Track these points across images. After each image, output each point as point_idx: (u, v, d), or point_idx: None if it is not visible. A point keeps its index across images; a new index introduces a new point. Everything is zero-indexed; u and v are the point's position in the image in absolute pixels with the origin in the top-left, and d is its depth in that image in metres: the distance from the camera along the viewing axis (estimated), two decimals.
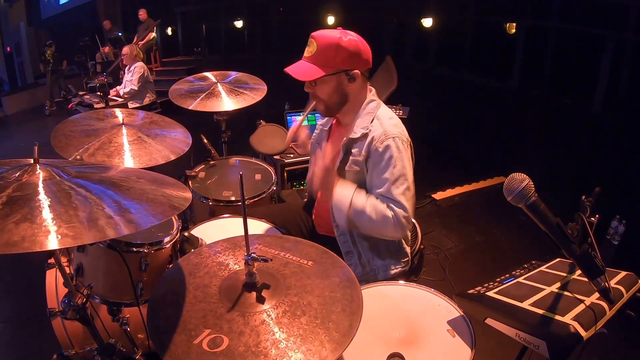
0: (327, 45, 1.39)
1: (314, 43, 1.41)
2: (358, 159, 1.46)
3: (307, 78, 1.41)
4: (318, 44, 1.40)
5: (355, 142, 1.48)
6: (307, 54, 1.43)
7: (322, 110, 1.53)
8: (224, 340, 0.86)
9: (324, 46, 1.39)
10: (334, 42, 1.39)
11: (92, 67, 7.37)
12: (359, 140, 1.47)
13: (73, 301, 1.05)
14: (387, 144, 1.39)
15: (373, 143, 1.41)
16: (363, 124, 1.47)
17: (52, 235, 0.71)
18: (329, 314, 0.93)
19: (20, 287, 2.56)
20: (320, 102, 1.50)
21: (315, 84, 1.45)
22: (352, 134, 1.47)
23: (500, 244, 3.05)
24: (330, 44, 1.39)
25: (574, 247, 0.92)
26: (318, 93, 1.48)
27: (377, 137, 1.41)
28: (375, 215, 1.36)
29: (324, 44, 1.39)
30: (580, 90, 4.83)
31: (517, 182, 0.92)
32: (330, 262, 1.11)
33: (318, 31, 1.43)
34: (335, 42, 1.38)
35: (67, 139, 1.60)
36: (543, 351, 0.92)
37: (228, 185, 2.11)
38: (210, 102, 2.32)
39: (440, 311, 1.23)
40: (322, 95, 1.47)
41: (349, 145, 1.49)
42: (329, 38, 1.40)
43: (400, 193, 1.37)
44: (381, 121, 1.45)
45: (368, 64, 1.48)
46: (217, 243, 1.20)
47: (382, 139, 1.39)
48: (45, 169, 0.89)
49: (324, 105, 1.50)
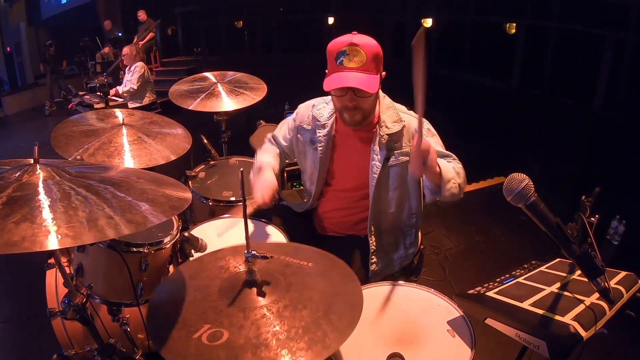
0: (375, 54, 1.38)
1: (362, 52, 1.36)
2: (405, 150, 1.51)
3: (374, 90, 1.38)
4: (366, 53, 1.36)
5: (395, 136, 1.50)
6: (357, 64, 1.36)
7: (358, 121, 1.47)
8: (223, 333, 0.85)
9: (373, 55, 1.37)
10: (377, 49, 1.38)
11: (92, 67, 7.37)
12: (399, 134, 1.50)
13: (73, 301, 1.05)
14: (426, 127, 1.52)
15: (415, 130, 1.47)
16: (392, 118, 1.51)
17: (52, 235, 0.71)
18: (331, 306, 0.93)
19: (20, 287, 2.55)
20: (359, 113, 1.45)
21: (368, 96, 1.41)
22: (389, 129, 1.49)
23: (500, 244, 3.04)
24: (377, 52, 1.38)
25: (574, 247, 0.92)
26: (363, 104, 1.42)
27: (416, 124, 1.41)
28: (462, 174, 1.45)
29: (372, 52, 1.37)
30: (580, 90, 4.83)
31: (517, 182, 0.92)
32: (331, 264, 1.11)
33: (356, 38, 1.37)
34: (378, 49, 1.39)
35: (67, 139, 1.60)
36: (543, 351, 0.92)
37: (228, 185, 2.11)
38: (210, 102, 2.32)
39: (440, 311, 1.23)
40: (367, 105, 1.44)
41: (390, 142, 1.50)
42: (373, 46, 1.38)
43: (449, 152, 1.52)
44: (404, 111, 1.54)
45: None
46: (221, 251, 1.19)
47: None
48: (45, 169, 0.89)
49: (361, 115, 1.45)
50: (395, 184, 1.55)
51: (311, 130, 1.62)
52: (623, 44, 4.38)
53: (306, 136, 1.65)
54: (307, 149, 1.66)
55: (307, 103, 1.69)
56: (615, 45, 4.43)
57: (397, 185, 1.56)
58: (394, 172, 1.54)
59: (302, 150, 1.69)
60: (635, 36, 4.24)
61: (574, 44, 5.00)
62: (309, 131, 1.63)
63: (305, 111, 1.67)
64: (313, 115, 1.62)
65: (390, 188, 1.56)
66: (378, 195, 1.56)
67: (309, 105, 1.67)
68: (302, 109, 1.69)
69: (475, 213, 3.45)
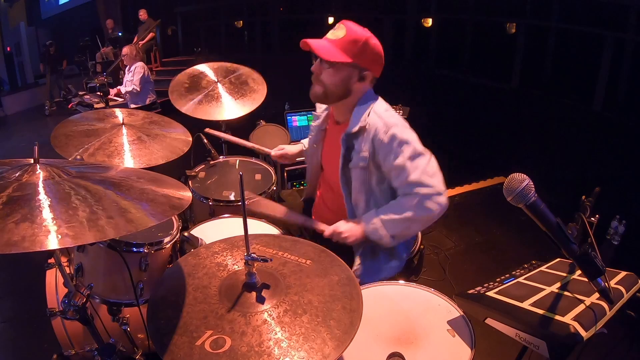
0: (356, 37, 1.40)
1: (344, 29, 1.40)
2: (363, 155, 1.44)
3: (328, 57, 1.39)
4: (347, 32, 1.40)
5: (355, 137, 1.46)
6: (333, 37, 1.41)
7: (317, 94, 1.49)
8: (226, 341, 0.86)
9: (354, 36, 1.40)
10: (363, 36, 1.40)
11: (92, 67, 7.38)
12: (359, 135, 1.45)
13: (73, 301, 1.05)
14: (391, 133, 1.38)
15: (377, 136, 1.40)
16: (359, 117, 1.46)
17: (52, 235, 0.71)
18: (330, 312, 0.93)
19: (20, 287, 2.55)
20: (321, 86, 1.47)
21: (327, 67, 1.43)
22: (350, 129, 1.46)
23: (500, 244, 3.04)
24: (360, 37, 1.40)
25: (574, 247, 0.92)
26: (323, 77, 1.45)
27: (380, 130, 1.40)
28: (411, 212, 1.38)
29: (354, 34, 1.40)
30: (580, 90, 4.83)
31: (517, 182, 0.92)
32: (329, 261, 1.11)
33: (347, 21, 1.43)
34: (365, 38, 1.40)
35: (67, 139, 1.60)
36: (543, 351, 0.92)
37: (228, 185, 2.11)
38: (210, 107, 2.34)
39: (440, 311, 1.23)
40: (327, 80, 1.45)
41: (348, 141, 1.48)
42: (360, 31, 1.41)
43: (419, 174, 1.37)
44: (378, 114, 1.44)
45: (379, 73, 1.49)
46: (215, 244, 1.20)
47: (385, 130, 1.39)
48: (45, 169, 0.89)
49: (322, 90, 1.47)
50: (358, 187, 1.50)
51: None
52: (623, 44, 4.37)
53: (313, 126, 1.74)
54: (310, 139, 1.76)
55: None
56: (615, 45, 4.43)
57: (362, 189, 1.50)
58: (355, 175, 1.49)
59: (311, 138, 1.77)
60: (635, 36, 4.24)
61: (574, 44, 5.00)
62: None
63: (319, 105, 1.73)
64: (317, 106, 1.68)
65: (353, 191, 1.52)
66: (347, 194, 1.55)
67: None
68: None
69: (475, 213, 3.45)
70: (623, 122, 4.34)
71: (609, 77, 4.54)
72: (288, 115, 3.09)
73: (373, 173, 1.47)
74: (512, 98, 5.55)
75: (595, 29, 4.59)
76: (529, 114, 5.18)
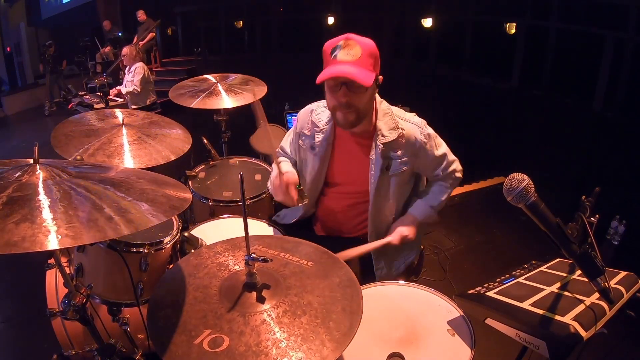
0: (370, 49, 1.34)
1: (358, 46, 1.31)
2: (404, 160, 1.51)
3: (368, 82, 1.31)
4: (362, 48, 1.32)
5: (393, 145, 1.48)
6: (352, 58, 1.31)
7: (351, 121, 1.40)
8: (224, 340, 0.86)
9: (369, 50, 1.33)
10: (373, 48, 1.35)
11: (92, 67, 7.37)
12: (397, 142, 1.48)
13: (73, 301, 1.05)
14: (427, 132, 1.52)
15: (417, 139, 1.50)
16: (389, 125, 1.47)
17: (52, 235, 0.71)
18: (330, 313, 0.93)
19: (20, 287, 2.55)
20: (353, 111, 1.38)
21: (363, 91, 1.35)
22: (385, 138, 1.46)
23: (500, 244, 3.04)
24: (372, 48, 1.34)
25: (574, 247, 0.92)
26: (356, 102, 1.36)
27: (416, 132, 1.50)
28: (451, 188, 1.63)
29: (367, 47, 1.33)
30: (580, 90, 4.83)
31: (517, 182, 0.92)
32: (330, 263, 1.11)
33: (350, 35, 1.35)
34: (374, 48, 1.35)
35: (67, 139, 1.59)
36: (543, 351, 0.92)
37: (228, 186, 2.11)
38: (210, 100, 2.31)
39: (440, 311, 1.23)
40: (360, 103, 1.37)
41: (386, 151, 1.48)
42: (369, 44, 1.35)
43: (450, 153, 1.61)
44: (404, 119, 1.52)
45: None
46: (217, 244, 1.20)
47: (421, 131, 1.51)
48: (45, 169, 0.89)
49: (356, 115, 1.39)
50: (395, 192, 1.55)
51: (311, 135, 1.58)
52: (623, 44, 4.38)
53: (307, 142, 1.60)
54: (308, 156, 1.61)
55: (306, 108, 1.63)
56: (615, 45, 4.43)
57: (397, 193, 1.56)
58: (393, 181, 1.53)
59: (304, 157, 1.64)
60: (635, 36, 4.24)
61: (574, 44, 5.00)
62: (309, 137, 1.58)
63: (304, 117, 1.61)
64: (312, 120, 1.57)
65: (390, 197, 1.55)
66: (378, 204, 1.55)
67: (308, 110, 1.62)
68: (301, 115, 1.64)
69: (475, 213, 3.45)
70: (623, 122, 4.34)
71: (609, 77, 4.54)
72: (288, 115, 3.09)
73: (408, 173, 1.56)
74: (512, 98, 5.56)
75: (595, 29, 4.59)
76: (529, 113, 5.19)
